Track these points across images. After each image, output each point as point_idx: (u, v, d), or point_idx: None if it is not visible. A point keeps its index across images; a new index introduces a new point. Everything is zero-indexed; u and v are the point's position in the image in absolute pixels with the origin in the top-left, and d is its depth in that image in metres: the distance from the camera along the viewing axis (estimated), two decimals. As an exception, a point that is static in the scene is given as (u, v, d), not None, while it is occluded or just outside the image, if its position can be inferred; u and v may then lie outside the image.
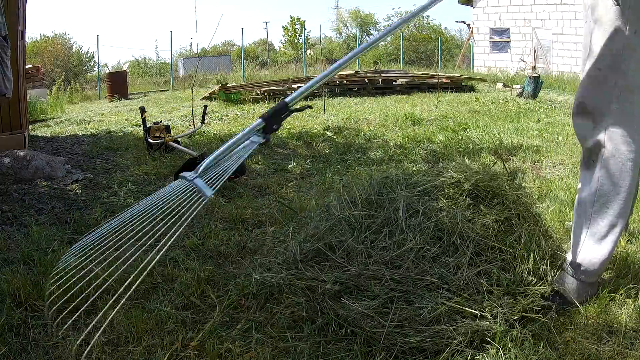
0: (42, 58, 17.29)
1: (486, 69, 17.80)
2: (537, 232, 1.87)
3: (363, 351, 1.50)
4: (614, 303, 1.77)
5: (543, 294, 1.69)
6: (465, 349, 1.48)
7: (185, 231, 2.51)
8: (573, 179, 3.57)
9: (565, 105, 8.41)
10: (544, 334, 1.58)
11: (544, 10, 17.17)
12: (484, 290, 1.61)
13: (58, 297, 1.33)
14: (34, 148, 4.54)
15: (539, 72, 11.25)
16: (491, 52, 18.78)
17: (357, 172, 3.72)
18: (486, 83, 12.66)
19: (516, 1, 17.94)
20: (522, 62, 15.43)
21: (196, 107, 6.69)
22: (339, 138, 5.01)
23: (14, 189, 3.25)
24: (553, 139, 5.14)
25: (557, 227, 2.61)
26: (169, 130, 4.58)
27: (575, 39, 16.64)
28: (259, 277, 1.84)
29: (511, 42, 18.18)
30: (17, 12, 4.20)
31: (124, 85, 11.73)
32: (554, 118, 6.79)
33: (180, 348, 1.56)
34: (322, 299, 1.63)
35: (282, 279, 1.77)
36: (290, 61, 23.75)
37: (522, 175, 3.78)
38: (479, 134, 5.21)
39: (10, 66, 3.42)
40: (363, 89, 9.80)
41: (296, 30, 30.29)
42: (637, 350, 1.52)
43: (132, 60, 22.37)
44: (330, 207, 2.00)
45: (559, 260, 1.88)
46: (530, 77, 9.24)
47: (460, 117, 6.48)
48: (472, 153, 4.32)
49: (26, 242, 2.35)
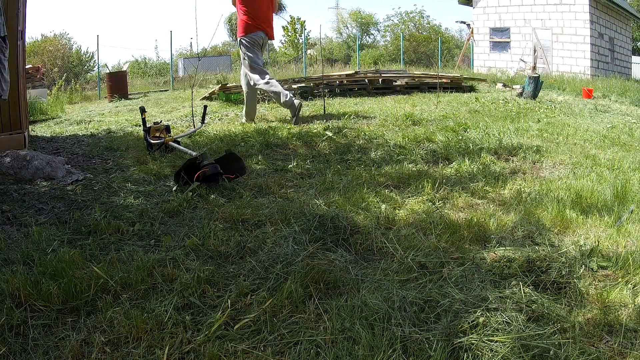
0: (42, 58, 17.29)
1: (486, 69, 17.80)
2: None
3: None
4: (614, 303, 1.77)
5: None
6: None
7: (185, 231, 2.51)
8: (573, 179, 3.58)
9: (565, 106, 8.41)
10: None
11: (544, 10, 17.18)
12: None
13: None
14: (34, 148, 4.54)
15: (539, 72, 11.25)
16: (491, 52, 18.79)
17: (358, 172, 3.72)
18: (486, 83, 12.65)
19: (516, 1, 17.95)
20: (522, 62, 15.44)
21: (196, 107, 6.68)
22: (339, 138, 5.01)
23: (14, 189, 3.24)
24: (553, 139, 5.14)
25: (557, 227, 2.62)
26: (169, 130, 4.57)
27: (575, 39, 16.65)
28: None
29: (511, 42, 18.19)
30: (17, 12, 4.20)
31: (124, 85, 11.72)
32: (554, 118, 6.79)
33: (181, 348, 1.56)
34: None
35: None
36: (290, 61, 23.74)
37: (522, 175, 3.78)
38: (479, 134, 5.21)
39: (8, 67, 3.41)
40: (363, 89, 9.79)
41: (296, 30, 30.30)
42: (637, 350, 1.52)
43: (132, 60, 22.41)
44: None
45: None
46: (530, 77, 9.24)
47: (460, 117, 6.48)
48: (472, 153, 4.32)
49: (26, 242, 2.35)
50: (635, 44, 25.48)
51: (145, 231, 2.53)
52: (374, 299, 1.80)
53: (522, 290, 1.88)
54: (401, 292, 1.86)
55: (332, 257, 2.20)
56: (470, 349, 1.53)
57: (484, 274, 2.05)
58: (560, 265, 2.07)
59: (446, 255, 2.22)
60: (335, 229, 2.45)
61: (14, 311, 1.72)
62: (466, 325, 1.64)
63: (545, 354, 1.50)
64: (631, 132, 5.83)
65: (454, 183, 3.45)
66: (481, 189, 3.30)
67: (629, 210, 2.78)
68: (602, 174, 3.67)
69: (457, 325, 1.65)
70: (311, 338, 1.61)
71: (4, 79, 3.36)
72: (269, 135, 5.13)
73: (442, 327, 1.65)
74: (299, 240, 2.34)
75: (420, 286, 1.95)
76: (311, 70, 18.19)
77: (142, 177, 3.61)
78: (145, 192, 3.19)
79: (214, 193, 3.12)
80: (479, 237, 2.48)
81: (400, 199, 3.07)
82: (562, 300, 1.85)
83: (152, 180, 3.52)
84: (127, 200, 3.03)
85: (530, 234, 2.49)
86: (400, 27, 29.54)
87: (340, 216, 2.55)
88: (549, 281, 1.96)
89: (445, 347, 1.53)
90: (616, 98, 11.21)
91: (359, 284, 1.97)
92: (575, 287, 1.92)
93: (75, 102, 11.42)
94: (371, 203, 2.95)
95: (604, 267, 2.11)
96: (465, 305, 1.78)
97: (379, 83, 10.05)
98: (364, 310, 1.73)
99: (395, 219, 2.70)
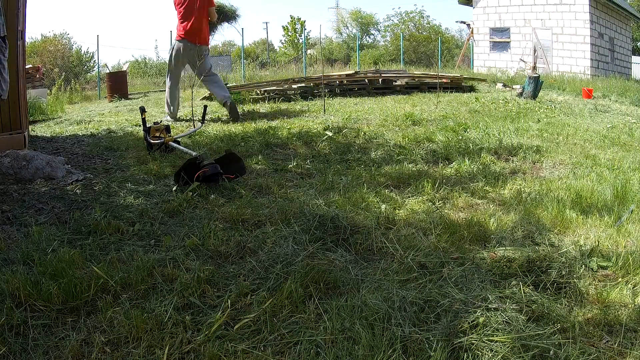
0: (42, 58, 17.29)
1: (486, 69, 17.80)
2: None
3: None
4: (614, 303, 1.77)
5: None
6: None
7: (185, 231, 2.51)
8: (573, 179, 3.58)
9: (565, 106, 8.41)
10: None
11: (544, 10, 17.18)
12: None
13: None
14: (34, 148, 4.53)
15: (539, 72, 11.24)
16: (491, 52, 18.78)
17: (358, 172, 3.72)
18: (486, 83, 12.65)
19: (516, 1, 17.95)
20: (522, 62, 15.43)
21: (196, 107, 6.68)
22: (339, 138, 5.01)
23: (14, 189, 3.24)
24: (553, 139, 5.14)
25: (557, 227, 2.62)
26: (169, 130, 4.57)
27: (575, 39, 16.65)
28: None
29: (511, 42, 18.19)
30: (17, 12, 4.20)
31: (124, 85, 11.71)
32: (554, 118, 6.79)
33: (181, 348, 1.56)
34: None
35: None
36: (291, 61, 23.74)
37: (522, 175, 3.78)
38: (479, 134, 5.21)
39: (8, 67, 3.41)
40: (363, 89, 9.79)
41: (296, 30, 30.30)
42: (637, 350, 1.52)
43: (132, 60, 22.39)
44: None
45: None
46: (530, 77, 9.24)
47: (460, 117, 6.48)
48: (472, 153, 4.32)
49: (26, 242, 2.35)
50: (635, 44, 25.48)
51: (145, 231, 2.53)
52: (374, 299, 1.80)
53: (522, 290, 1.88)
54: (401, 292, 1.86)
55: (332, 257, 2.20)
56: (470, 349, 1.53)
57: (484, 274, 2.05)
58: (560, 265, 2.07)
59: (446, 255, 2.22)
60: (335, 229, 2.45)
61: (14, 311, 1.72)
62: (466, 325, 1.64)
63: (545, 354, 1.50)
64: (631, 132, 5.83)
65: (454, 183, 3.45)
66: (481, 189, 3.30)
67: (629, 210, 2.78)
68: (602, 174, 3.67)
69: (457, 325, 1.65)
70: (311, 338, 1.61)
71: (4, 79, 3.35)
72: (269, 135, 5.13)
73: (442, 327, 1.65)
74: (299, 240, 2.34)
75: (420, 286, 1.95)
76: (311, 70, 18.19)
77: (142, 177, 3.61)
78: (145, 192, 3.19)
79: (214, 193, 3.12)
80: (479, 237, 2.48)
81: (400, 199, 3.07)
82: (562, 300, 1.85)
83: (152, 180, 3.52)
84: (127, 200, 3.03)
85: (530, 234, 2.49)
86: (400, 27, 29.54)
87: (340, 216, 2.55)
88: (549, 281, 1.96)
89: (445, 347, 1.53)
90: (616, 98, 11.21)
91: (359, 284, 1.97)
92: (575, 287, 1.92)
93: (75, 102, 11.42)
94: (371, 203, 2.95)
95: (604, 267, 2.11)
96: (465, 305, 1.78)
97: (379, 83, 10.05)
98: (364, 310, 1.73)
99: (395, 219, 2.70)
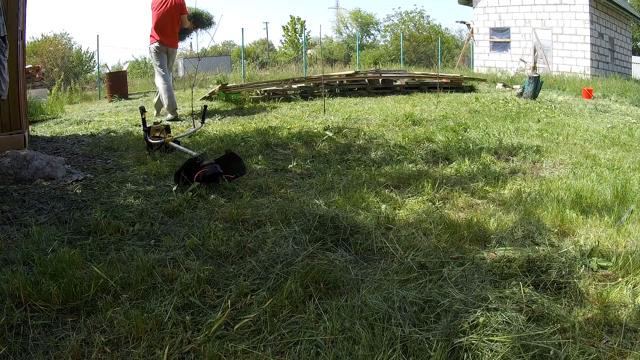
0: (42, 58, 17.29)
1: (486, 69, 17.79)
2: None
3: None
4: (614, 303, 1.77)
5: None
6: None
7: (185, 231, 2.51)
8: (573, 179, 3.58)
9: (565, 106, 8.41)
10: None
11: (544, 10, 17.17)
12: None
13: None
14: (34, 148, 4.53)
15: (539, 72, 11.24)
16: (491, 52, 18.78)
17: (358, 172, 3.71)
18: (486, 83, 12.65)
19: (516, 1, 17.94)
20: (522, 62, 15.42)
21: (196, 107, 6.68)
22: (339, 138, 5.01)
23: (14, 189, 3.24)
24: (553, 139, 5.14)
25: (557, 227, 2.62)
26: (169, 130, 4.57)
27: (575, 39, 16.64)
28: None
29: (511, 42, 18.18)
30: (17, 12, 4.20)
31: (124, 85, 11.71)
32: (554, 118, 6.79)
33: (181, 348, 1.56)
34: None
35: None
36: (291, 61, 23.74)
37: (522, 175, 3.78)
38: (479, 134, 5.21)
39: (8, 67, 3.41)
40: (363, 89, 9.79)
41: (296, 30, 30.30)
42: (637, 350, 1.52)
43: (132, 60, 22.40)
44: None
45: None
46: (530, 77, 9.23)
47: (460, 117, 6.48)
48: (472, 153, 4.32)
49: (26, 242, 2.35)
50: (635, 44, 25.47)
51: (145, 231, 2.53)
52: (374, 299, 1.80)
53: (522, 290, 1.88)
54: (401, 292, 1.86)
55: (332, 257, 2.20)
56: (470, 349, 1.53)
57: (484, 274, 2.05)
58: (560, 265, 2.07)
59: (446, 255, 2.22)
60: (335, 229, 2.45)
61: (14, 311, 1.72)
62: (466, 325, 1.64)
63: (545, 354, 1.50)
64: (631, 132, 5.83)
65: (454, 183, 3.45)
66: (481, 189, 3.30)
67: (629, 210, 2.78)
68: (602, 174, 3.66)
69: (457, 325, 1.65)
70: (311, 338, 1.61)
71: (4, 79, 3.35)
72: (269, 135, 5.13)
73: (442, 327, 1.65)
74: (299, 240, 2.34)
75: (420, 286, 1.95)
76: (311, 70, 18.18)
77: (142, 177, 3.61)
78: (145, 192, 3.19)
79: (214, 193, 3.11)
80: (479, 237, 2.48)
81: (400, 199, 3.07)
82: (562, 300, 1.85)
83: (152, 180, 3.52)
84: (127, 200, 3.03)
85: (530, 234, 2.49)
86: (400, 27, 29.54)
87: (340, 216, 2.55)
88: (549, 281, 1.96)
89: (445, 347, 1.53)
90: (616, 98, 11.21)
91: (359, 284, 1.97)
92: (575, 287, 1.92)
93: (75, 102, 11.41)
94: (371, 203, 2.95)
95: (604, 267, 2.11)
96: (465, 305, 1.78)
97: (379, 83, 10.05)
98: (364, 310, 1.73)
99: (395, 219, 2.70)
